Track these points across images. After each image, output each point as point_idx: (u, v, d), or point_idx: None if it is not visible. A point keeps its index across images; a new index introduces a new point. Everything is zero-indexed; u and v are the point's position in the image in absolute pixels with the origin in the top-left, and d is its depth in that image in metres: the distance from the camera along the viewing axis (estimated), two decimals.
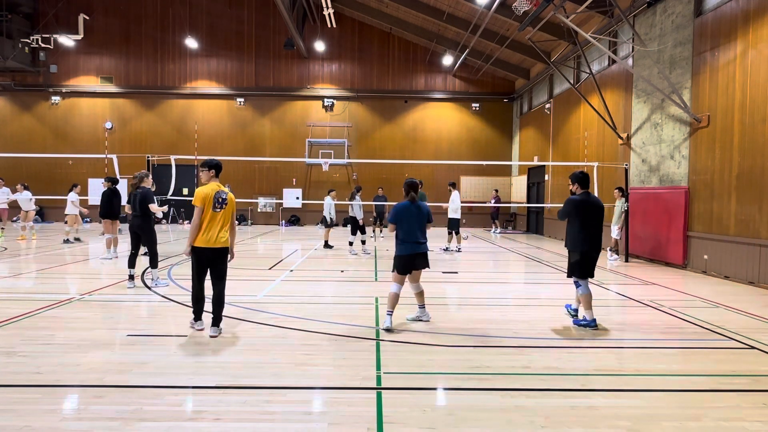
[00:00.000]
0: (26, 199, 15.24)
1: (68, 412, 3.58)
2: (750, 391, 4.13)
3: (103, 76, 23.72)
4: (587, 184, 6.30)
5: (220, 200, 5.35)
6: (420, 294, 6.12)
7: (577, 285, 6.10)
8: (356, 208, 13.37)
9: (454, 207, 13.51)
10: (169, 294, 7.36)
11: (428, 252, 6.03)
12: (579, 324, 6.03)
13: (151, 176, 8.60)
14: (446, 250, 13.77)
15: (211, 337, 5.25)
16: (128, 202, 8.75)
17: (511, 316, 6.56)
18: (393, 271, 5.94)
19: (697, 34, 10.73)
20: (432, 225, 6.09)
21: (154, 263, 8.21)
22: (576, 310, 6.37)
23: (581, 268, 6.06)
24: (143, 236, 8.22)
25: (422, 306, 6.14)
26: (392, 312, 5.78)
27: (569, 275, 6.23)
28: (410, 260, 5.85)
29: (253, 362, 4.59)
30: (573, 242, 6.11)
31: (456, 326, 5.95)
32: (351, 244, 13.56)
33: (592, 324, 5.94)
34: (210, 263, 5.35)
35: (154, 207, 8.12)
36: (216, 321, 5.36)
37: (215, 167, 5.58)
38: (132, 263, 8.12)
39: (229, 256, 5.51)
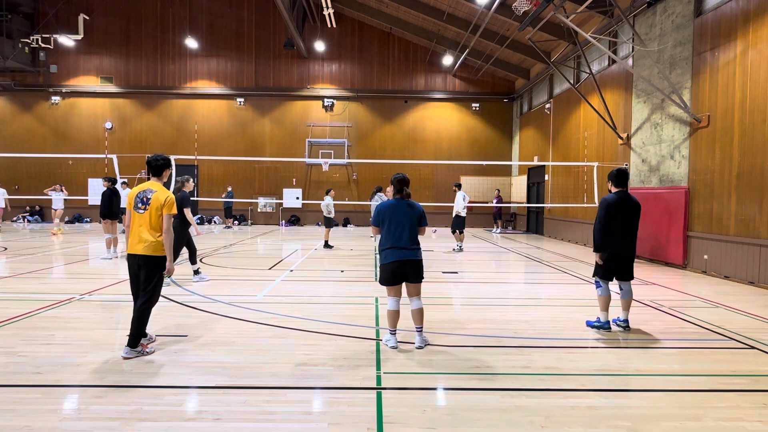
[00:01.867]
0: (60, 199, 17.27)
1: (68, 412, 3.58)
2: (750, 391, 4.12)
3: (103, 76, 23.73)
4: (623, 182, 5.86)
5: (145, 200, 4.65)
6: (418, 312, 5.07)
7: (598, 285, 5.91)
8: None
9: (457, 207, 13.59)
10: (169, 294, 7.36)
11: (422, 261, 5.12)
12: (592, 325, 5.92)
13: (192, 180, 8.72)
14: (459, 249, 13.82)
15: (123, 358, 4.56)
16: None
17: (511, 316, 6.56)
18: (381, 283, 5.15)
19: (697, 34, 10.73)
20: (426, 228, 5.23)
21: (192, 259, 8.73)
22: (625, 321, 5.92)
23: (603, 268, 5.84)
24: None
25: (419, 329, 5.09)
26: (395, 331, 5.12)
27: (594, 274, 6.01)
28: (397, 269, 4.97)
29: (253, 362, 4.59)
30: (603, 242, 5.83)
31: (456, 326, 5.95)
32: None
33: (605, 326, 5.80)
34: (136, 271, 4.71)
35: (188, 214, 8.37)
36: (131, 341, 4.56)
37: (147, 165, 4.85)
38: (193, 260, 8.66)
39: (166, 267, 4.73)
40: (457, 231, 13.82)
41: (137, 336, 4.63)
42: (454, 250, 13.85)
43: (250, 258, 12.30)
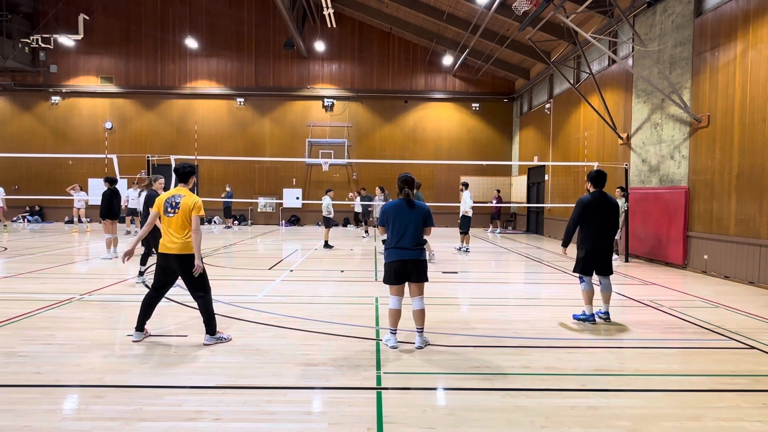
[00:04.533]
0: (81, 199, 18.13)
1: (68, 412, 3.58)
2: (750, 391, 4.13)
3: (103, 76, 23.72)
4: (601, 183, 6.17)
5: (173, 204, 5.07)
6: (419, 313, 5.10)
7: (581, 281, 6.23)
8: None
9: (464, 207, 13.51)
10: (169, 294, 7.34)
11: (425, 261, 5.16)
12: (578, 318, 6.17)
13: (162, 180, 8.52)
14: (459, 249, 13.83)
15: (204, 344, 5.04)
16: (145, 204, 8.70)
17: (511, 316, 6.56)
18: (384, 281, 5.21)
19: (697, 34, 10.73)
20: (432, 228, 5.22)
21: (144, 261, 8.56)
22: (606, 313, 6.27)
23: (583, 264, 6.18)
24: (151, 238, 8.34)
25: (420, 329, 5.12)
26: (396, 330, 5.14)
27: (574, 270, 6.34)
28: (399, 268, 5.03)
29: (253, 362, 4.59)
30: (580, 239, 6.21)
31: (456, 326, 5.95)
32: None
33: (590, 318, 6.10)
34: (172, 271, 5.11)
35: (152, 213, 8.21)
36: (207, 329, 5.10)
37: (174, 172, 5.34)
38: (144, 261, 8.50)
39: (195, 264, 5.00)
40: (462, 232, 13.78)
41: (211, 324, 5.11)
42: (459, 249, 13.81)
43: (250, 258, 12.29)
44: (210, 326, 5.11)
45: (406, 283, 5.17)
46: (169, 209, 5.09)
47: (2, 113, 23.67)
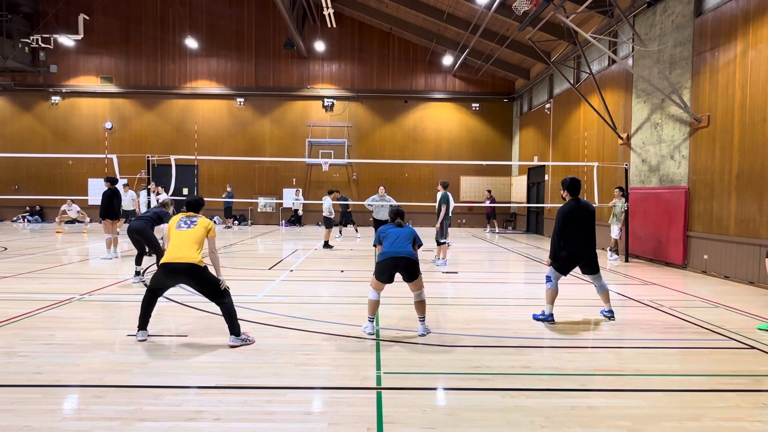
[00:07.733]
0: (75, 211, 19.50)
1: (68, 412, 3.58)
2: (750, 391, 4.13)
3: (103, 76, 23.72)
4: (577, 191, 6.28)
5: (189, 222, 5.27)
6: (420, 304, 5.50)
7: (548, 280, 6.22)
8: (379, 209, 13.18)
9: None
10: (169, 294, 7.34)
11: (415, 261, 5.44)
12: (537, 318, 6.23)
13: (173, 207, 8.81)
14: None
15: (230, 346, 4.98)
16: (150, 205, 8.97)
17: (511, 316, 6.56)
18: (374, 275, 5.58)
19: (697, 34, 10.73)
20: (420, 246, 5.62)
21: (139, 260, 8.74)
22: (610, 311, 6.40)
23: (561, 262, 6.22)
24: (144, 240, 8.37)
25: (422, 318, 5.52)
26: (373, 318, 5.54)
27: (550, 264, 6.31)
28: (389, 265, 5.40)
29: (253, 362, 4.59)
30: (564, 243, 6.24)
31: (456, 326, 5.95)
32: None
33: (549, 318, 6.15)
34: (177, 279, 5.14)
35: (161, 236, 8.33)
36: (231, 330, 5.07)
37: (186, 204, 5.60)
38: (139, 261, 8.57)
39: (206, 275, 5.10)
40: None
41: (235, 326, 5.10)
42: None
43: (250, 258, 12.29)
44: (234, 327, 5.08)
45: (398, 284, 5.46)
46: (182, 225, 5.23)
47: (2, 113, 23.66)
